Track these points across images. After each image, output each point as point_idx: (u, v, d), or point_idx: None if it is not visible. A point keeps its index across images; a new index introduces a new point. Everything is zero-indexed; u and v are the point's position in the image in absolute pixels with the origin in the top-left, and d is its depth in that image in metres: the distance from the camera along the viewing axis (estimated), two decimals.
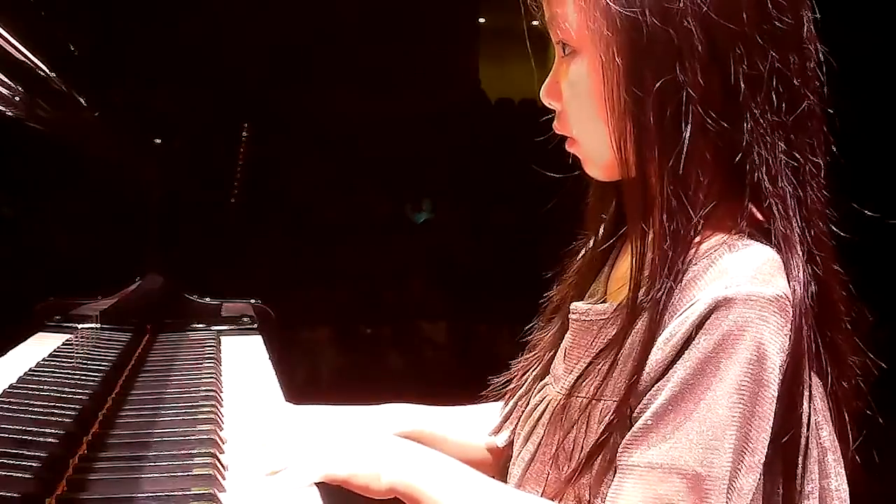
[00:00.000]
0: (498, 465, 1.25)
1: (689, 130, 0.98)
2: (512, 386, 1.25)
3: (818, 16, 1.05)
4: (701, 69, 0.98)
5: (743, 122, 0.99)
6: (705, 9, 0.98)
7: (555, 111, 1.11)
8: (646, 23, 0.98)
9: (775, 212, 1.00)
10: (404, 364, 4.67)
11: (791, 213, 1.00)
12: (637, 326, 1.01)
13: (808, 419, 0.98)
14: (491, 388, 1.28)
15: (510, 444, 1.20)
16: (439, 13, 4.87)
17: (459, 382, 1.34)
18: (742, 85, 0.98)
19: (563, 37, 1.06)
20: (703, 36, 0.98)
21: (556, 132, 1.11)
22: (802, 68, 1.02)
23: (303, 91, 4.56)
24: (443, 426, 1.31)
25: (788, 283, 0.97)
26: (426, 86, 4.77)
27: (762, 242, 1.00)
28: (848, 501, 1.06)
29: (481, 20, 5.57)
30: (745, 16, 0.98)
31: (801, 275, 0.98)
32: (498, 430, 1.26)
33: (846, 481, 1.05)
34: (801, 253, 1.00)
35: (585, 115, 1.06)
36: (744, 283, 0.95)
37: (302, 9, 4.49)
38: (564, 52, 1.07)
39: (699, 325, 0.95)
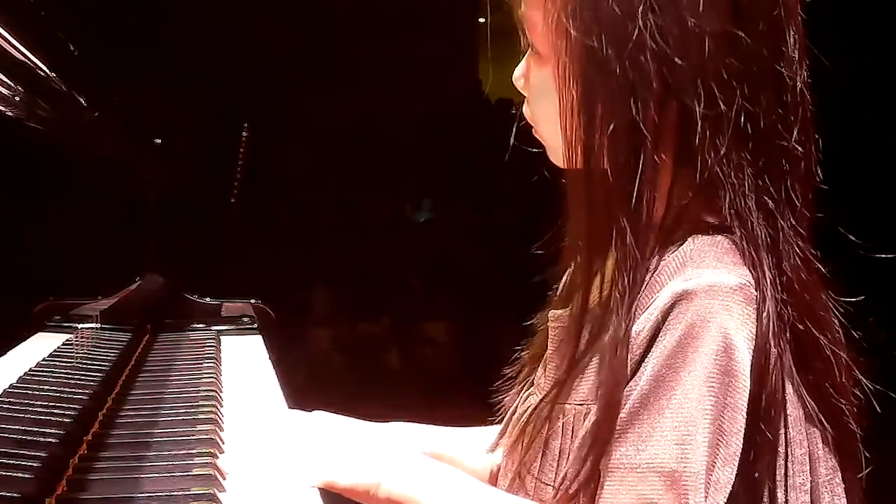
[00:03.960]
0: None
1: (641, 165, 0.97)
2: (508, 397, 1.25)
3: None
4: (655, 105, 0.96)
5: (701, 161, 0.97)
6: (665, 45, 0.96)
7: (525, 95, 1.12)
8: (602, 52, 0.97)
9: (746, 255, 0.98)
10: (404, 364, 4.67)
11: (762, 253, 0.98)
12: (603, 327, 1.01)
13: (785, 409, 0.97)
14: (496, 391, 1.27)
15: None
16: (439, 13, 4.86)
17: (460, 383, 1.34)
18: (700, 123, 0.96)
19: (531, 39, 1.07)
20: (661, 72, 0.96)
21: (525, 117, 1.13)
22: (776, 103, 1.00)
23: (303, 91, 4.55)
24: (449, 447, 1.31)
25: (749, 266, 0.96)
26: (426, 86, 4.77)
27: (728, 237, 0.99)
28: (843, 496, 1.05)
29: (481, 20, 5.57)
30: (708, 51, 0.96)
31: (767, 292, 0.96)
32: (494, 447, 1.25)
33: (840, 474, 1.05)
34: (769, 293, 0.97)
35: (544, 114, 1.07)
36: (704, 273, 0.94)
37: (302, 9, 4.49)
38: (533, 49, 1.08)
39: (662, 320, 0.94)
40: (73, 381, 1.42)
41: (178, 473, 1.12)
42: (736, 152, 0.98)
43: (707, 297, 0.93)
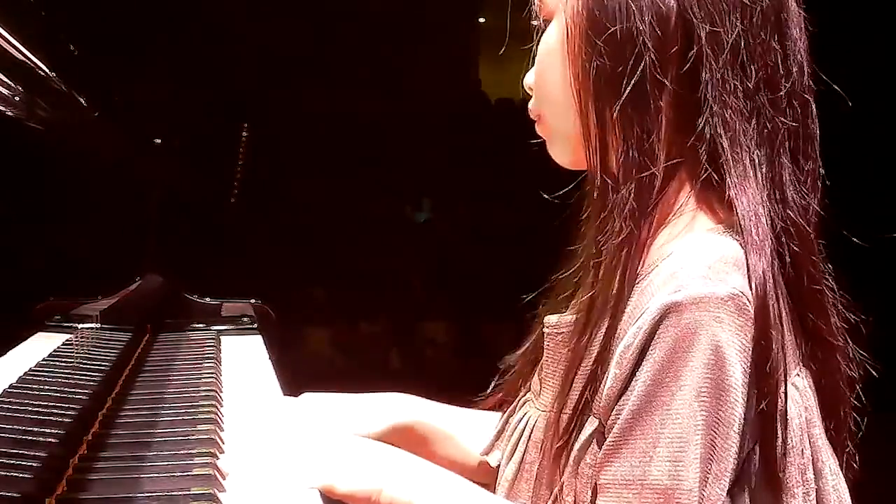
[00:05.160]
0: (492, 482, 1.24)
1: (639, 73, 0.99)
2: (505, 399, 1.24)
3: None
4: (658, 20, 0.99)
5: (700, 77, 0.99)
6: None
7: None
8: None
9: (734, 175, 0.99)
10: (404, 364, 4.67)
11: (753, 182, 0.99)
12: (597, 328, 1.01)
13: (786, 418, 0.96)
14: (482, 405, 1.28)
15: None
16: (439, 13, 4.86)
17: (460, 383, 1.34)
18: (702, 41, 0.99)
19: (540, 6, 1.10)
20: None
21: (531, 114, 1.13)
22: (781, 56, 1.02)
23: (303, 91, 4.55)
24: (446, 424, 1.30)
25: (749, 265, 0.95)
26: (426, 86, 4.77)
27: (727, 232, 0.99)
28: (848, 499, 1.05)
29: (481, 20, 5.57)
30: None
31: (766, 249, 0.96)
32: (489, 450, 1.25)
33: (843, 480, 1.04)
34: (768, 226, 0.98)
35: (551, 77, 1.08)
36: (693, 284, 0.93)
37: (302, 9, 4.49)
38: (545, 27, 1.09)
39: (651, 333, 0.93)
40: (73, 381, 1.42)
41: (178, 473, 1.12)
42: (732, 75, 0.99)
43: (697, 310, 0.92)
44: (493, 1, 5.34)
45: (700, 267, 0.95)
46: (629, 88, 0.99)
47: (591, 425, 0.99)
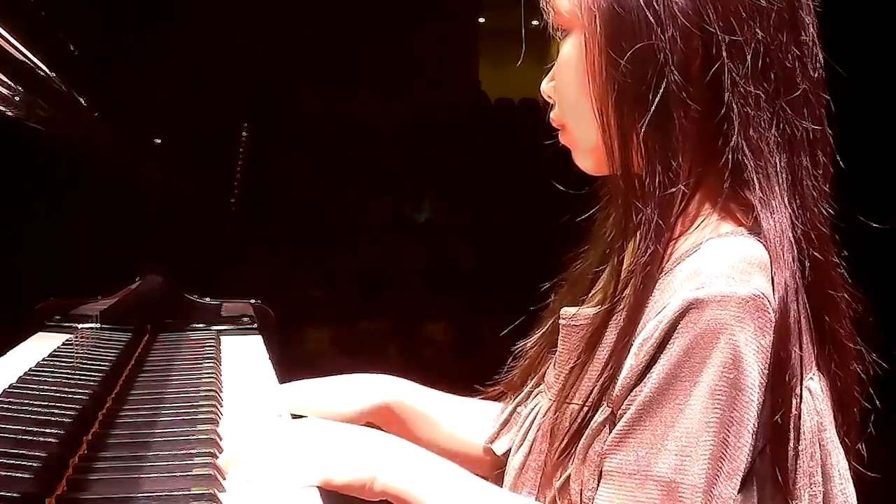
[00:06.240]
0: (493, 472, 1.25)
1: (662, 90, 0.98)
2: (507, 390, 1.25)
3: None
4: (679, 34, 0.99)
5: (722, 91, 0.99)
6: None
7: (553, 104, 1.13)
8: None
9: (758, 188, 0.99)
10: (404, 364, 4.67)
11: (777, 191, 0.99)
12: (616, 323, 1.01)
13: (799, 421, 0.96)
14: (484, 394, 1.28)
15: (508, 452, 1.19)
16: (439, 13, 4.86)
17: (460, 383, 1.34)
18: (723, 53, 0.99)
19: (556, 19, 1.09)
20: (682, 3, 0.99)
21: (553, 124, 1.13)
22: (797, 56, 1.02)
23: (303, 91, 4.55)
24: (427, 406, 1.31)
25: (773, 273, 0.96)
26: (426, 86, 4.77)
27: (751, 235, 0.99)
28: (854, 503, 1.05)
29: (481, 20, 5.57)
30: None
31: (789, 257, 0.96)
32: (495, 439, 1.25)
33: (852, 484, 1.04)
34: (791, 235, 0.98)
35: (572, 92, 1.08)
36: (717, 282, 0.94)
37: (302, 8, 4.49)
38: (561, 37, 1.09)
39: (671, 328, 0.93)
40: (73, 381, 1.42)
41: (178, 473, 1.12)
42: (754, 84, 0.99)
43: (718, 308, 0.92)
44: (493, 1, 5.34)
45: (723, 266, 0.95)
46: (652, 109, 0.99)
47: (602, 414, 0.99)
